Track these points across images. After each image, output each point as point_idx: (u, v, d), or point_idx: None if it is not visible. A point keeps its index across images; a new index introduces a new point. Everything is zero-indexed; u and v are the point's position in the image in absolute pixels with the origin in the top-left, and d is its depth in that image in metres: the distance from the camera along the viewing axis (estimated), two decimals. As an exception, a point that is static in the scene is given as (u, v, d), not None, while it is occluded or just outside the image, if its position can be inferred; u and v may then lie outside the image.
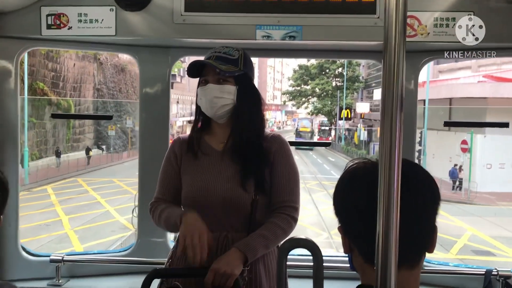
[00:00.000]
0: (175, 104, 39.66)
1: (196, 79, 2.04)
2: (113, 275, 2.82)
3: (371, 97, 43.63)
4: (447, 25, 2.37)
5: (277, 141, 2.04)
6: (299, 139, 41.38)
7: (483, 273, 2.64)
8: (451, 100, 25.29)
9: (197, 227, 1.81)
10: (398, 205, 0.88)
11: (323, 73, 48.74)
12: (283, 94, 59.86)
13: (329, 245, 13.16)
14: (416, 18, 2.37)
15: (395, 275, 0.89)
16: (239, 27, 2.42)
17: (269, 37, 2.41)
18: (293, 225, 1.97)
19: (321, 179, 24.58)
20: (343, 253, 1.16)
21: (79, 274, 2.81)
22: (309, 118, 55.11)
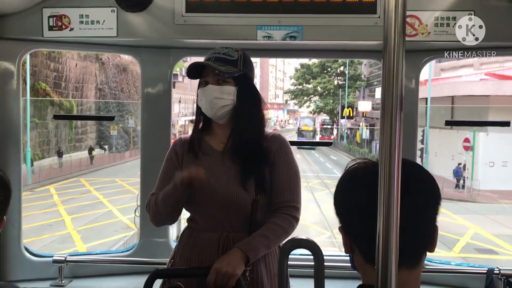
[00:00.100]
0: (177, 103, 39.66)
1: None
2: (115, 275, 2.83)
3: (373, 96, 43.59)
4: (447, 25, 2.37)
5: (277, 140, 2.04)
6: (301, 138, 41.40)
7: (485, 272, 2.64)
8: (453, 98, 25.23)
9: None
10: (398, 205, 0.88)
11: (325, 71, 48.74)
12: (285, 93, 59.88)
13: (331, 244, 13.15)
14: (416, 17, 2.37)
15: (396, 275, 0.89)
16: (240, 28, 2.42)
17: (270, 37, 2.42)
18: (294, 224, 1.97)
19: (323, 178, 24.58)
20: (345, 253, 1.16)
21: (82, 274, 2.82)
22: (311, 116, 55.00)
